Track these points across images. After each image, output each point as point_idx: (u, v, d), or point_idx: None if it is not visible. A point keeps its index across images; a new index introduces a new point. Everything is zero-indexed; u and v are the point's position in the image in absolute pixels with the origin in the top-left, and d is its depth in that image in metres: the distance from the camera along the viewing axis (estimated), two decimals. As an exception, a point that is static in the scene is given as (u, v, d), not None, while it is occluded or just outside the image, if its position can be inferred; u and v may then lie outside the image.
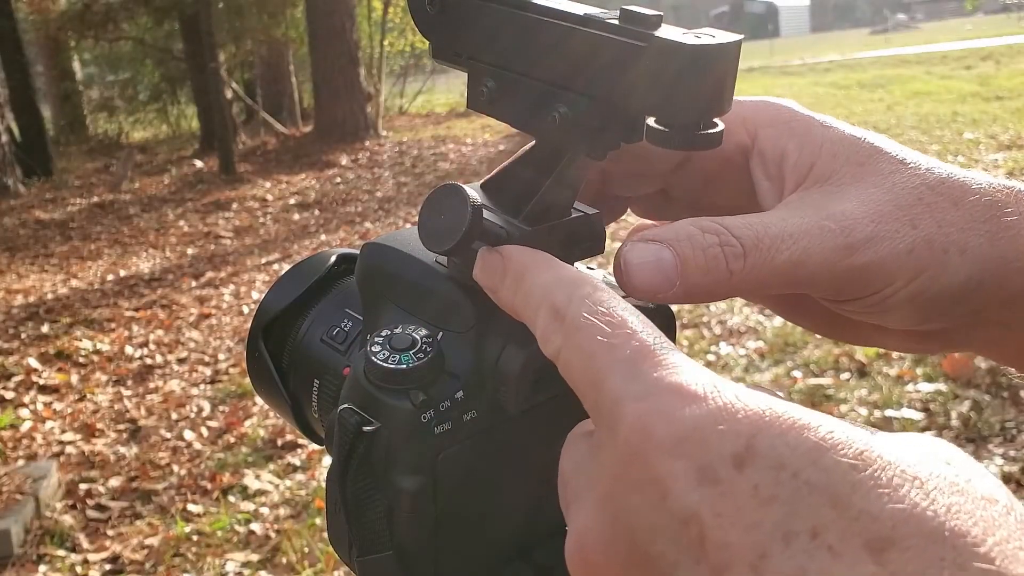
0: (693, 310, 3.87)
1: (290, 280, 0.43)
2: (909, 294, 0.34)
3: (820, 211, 0.34)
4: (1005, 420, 2.69)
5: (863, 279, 0.34)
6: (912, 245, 0.34)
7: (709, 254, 0.33)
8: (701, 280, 0.33)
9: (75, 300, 4.86)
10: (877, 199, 0.35)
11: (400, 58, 13.85)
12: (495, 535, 0.38)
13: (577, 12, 0.30)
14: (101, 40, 12.26)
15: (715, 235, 0.33)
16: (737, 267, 0.33)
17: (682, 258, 0.33)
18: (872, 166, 0.36)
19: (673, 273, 0.33)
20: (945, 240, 0.34)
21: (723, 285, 0.33)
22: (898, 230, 0.34)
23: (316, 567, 2.25)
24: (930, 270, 0.34)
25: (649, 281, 0.33)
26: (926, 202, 0.35)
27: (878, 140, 0.37)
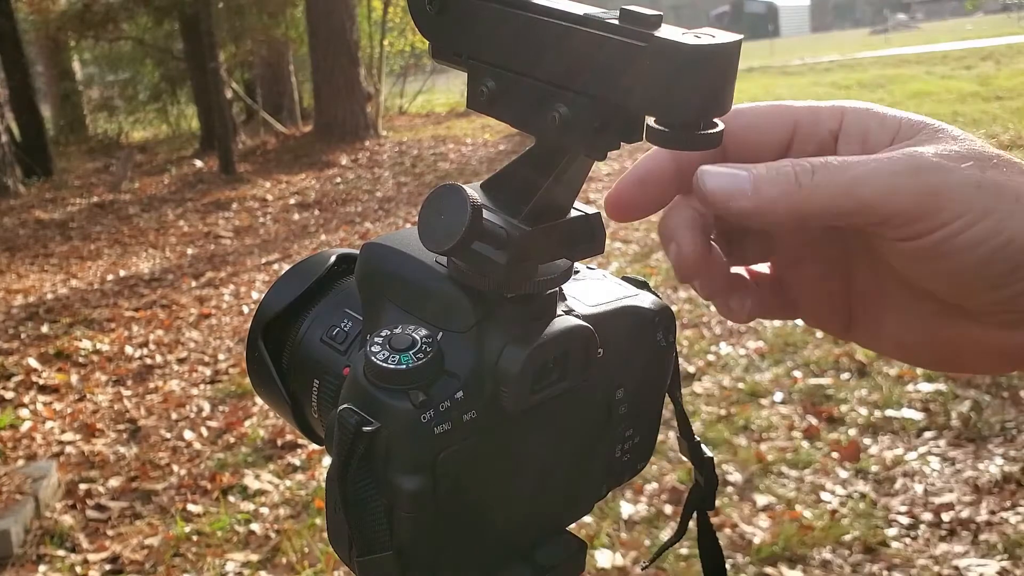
0: (693, 310, 3.87)
1: (290, 280, 0.43)
2: (974, 237, 0.34)
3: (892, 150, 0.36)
4: (1005, 420, 2.69)
5: (928, 205, 0.34)
6: (981, 180, 0.34)
7: (781, 170, 0.35)
8: (770, 191, 0.35)
9: (75, 300, 4.86)
10: (950, 149, 0.36)
11: (400, 58, 13.85)
12: (495, 535, 0.38)
13: (577, 12, 0.30)
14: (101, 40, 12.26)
15: (789, 161, 0.35)
16: (806, 180, 0.34)
17: (756, 174, 0.35)
18: (947, 132, 0.38)
19: (747, 184, 0.35)
20: (1018, 189, 0.34)
21: (792, 197, 0.34)
22: (967, 169, 0.34)
23: (316, 567, 2.25)
24: (998, 213, 0.34)
25: (722, 187, 0.35)
26: (994, 162, 0.35)
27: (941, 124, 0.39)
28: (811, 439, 2.71)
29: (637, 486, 2.47)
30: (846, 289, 0.42)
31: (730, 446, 2.68)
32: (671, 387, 0.45)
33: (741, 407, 2.94)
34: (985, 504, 2.30)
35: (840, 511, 2.33)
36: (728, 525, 2.28)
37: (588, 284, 0.41)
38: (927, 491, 2.40)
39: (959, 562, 2.08)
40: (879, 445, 2.65)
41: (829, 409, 2.88)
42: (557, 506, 0.41)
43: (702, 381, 3.17)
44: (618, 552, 2.19)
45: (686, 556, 2.11)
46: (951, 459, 2.54)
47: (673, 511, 2.35)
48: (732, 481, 2.50)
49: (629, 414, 0.42)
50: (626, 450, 0.43)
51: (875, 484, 2.45)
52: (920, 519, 2.27)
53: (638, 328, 0.41)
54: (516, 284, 0.34)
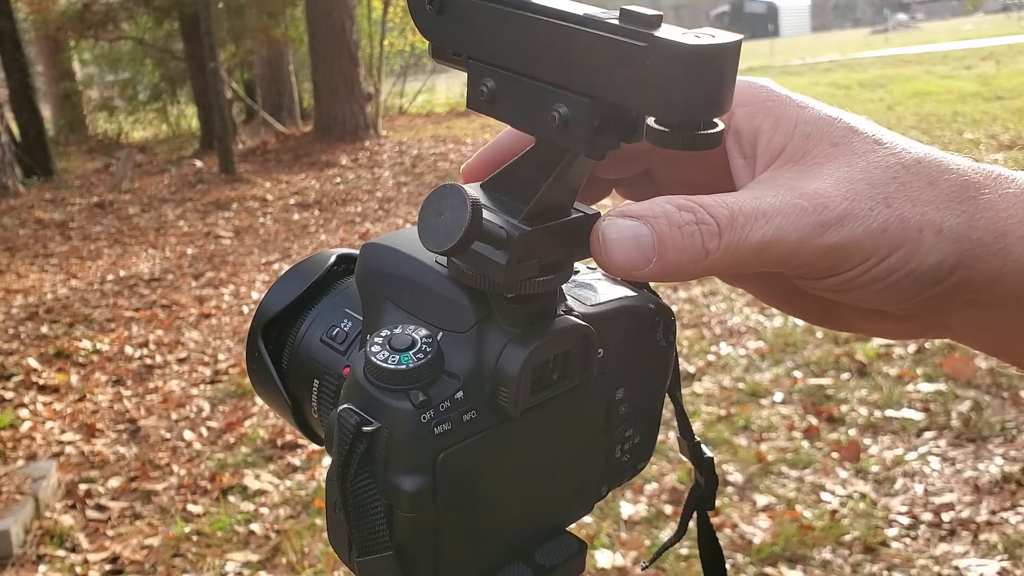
0: (694, 310, 3.87)
1: (290, 280, 0.43)
2: (882, 272, 0.34)
3: (793, 190, 0.34)
4: (1005, 420, 2.69)
5: (836, 257, 0.34)
6: (886, 224, 0.33)
7: (685, 232, 0.33)
8: (678, 258, 0.33)
9: (75, 300, 4.86)
10: (850, 178, 0.34)
11: (400, 58, 13.85)
12: (495, 535, 0.38)
13: (577, 12, 0.30)
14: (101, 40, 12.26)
15: (691, 212, 0.33)
16: (713, 246, 0.33)
17: (659, 235, 0.33)
18: (846, 146, 0.36)
19: (650, 250, 0.33)
20: (920, 219, 0.34)
21: (699, 264, 0.33)
22: (872, 208, 0.34)
23: (316, 567, 2.25)
24: (904, 249, 0.34)
25: (626, 257, 0.33)
26: (900, 181, 0.34)
27: (854, 120, 0.37)
28: (811, 439, 2.71)
29: (637, 486, 2.47)
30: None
31: (730, 446, 2.68)
32: (671, 387, 0.45)
33: (741, 407, 2.94)
34: (985, 504, 2.30)
35: (840, 511, 2.33)
36: (728, 525, 2.28)
37: (588, 284, 0.41)
38: (927, 491, 2.40)
39: (959, 562, 2.08)
40: (879, 445, 2.65)
41: (829, 409, 2.88)
42: (557, 506, 0.41)
43: (702, 381, 3.17)
44: (618, 552, 2.19)
45: (686, 556, 2.11)
46: (951, 459, 2.54)
47: (673, 511, 2.35)
48: (732, 481, 2.50)
49: (629, 414, 0.42)
50: (626, 450, 0.43)
51: (875, 484, 2.45)
52: (920, 519, 2.27)
53: (638, 328, 0.41)
54: (516, 284, 0.34)
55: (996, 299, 0.35)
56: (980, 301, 0.36)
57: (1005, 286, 0.35)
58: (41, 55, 14.14)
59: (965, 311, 0.37)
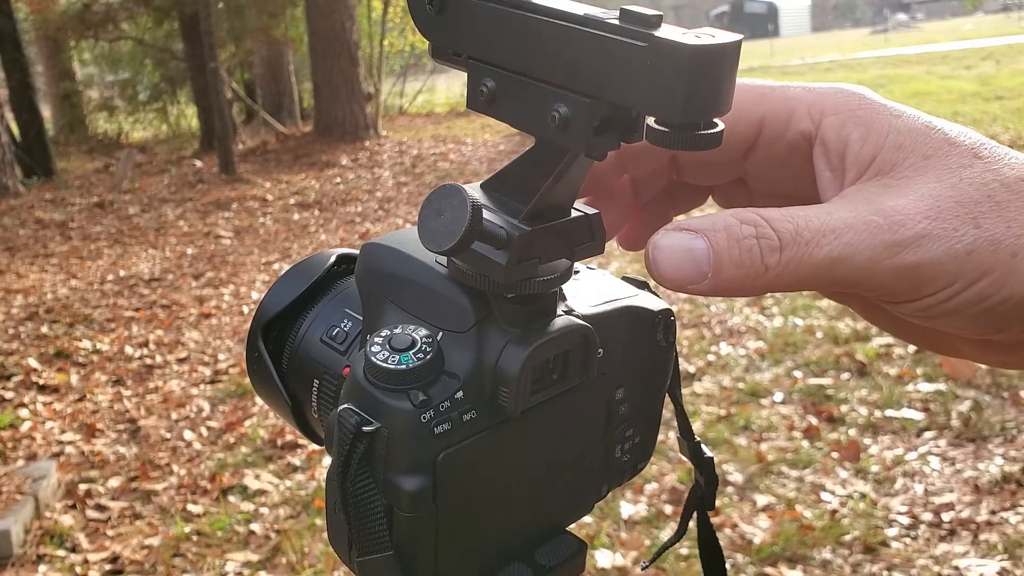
0: (694, 310, 3.87)
1: (290, 280, 0.43)
2: (971, 298, 0.31)
3: (871, 205, 0.32)
4: (1005, 420, 2.69)
5: (912, 280, 0.31)
6: (973, 245, 0.31)
7: (744, 246, 0.31)
8: (734, 273, 0.31)
9: (75, 300, 4.86)
10: (938, 194, 0.32)
11: (400, 58, 13.86)
12: (495, 535, 0.38)
13: (577, 12, 0.30)
14: (101, 40, 12.27)
15: (752, 226, 0.31)
16: (772, 261, 0.31)
17: (715, 249, 0.31)
18: (940, 159, 0.33)
19: (705, 264, 0.31)
20: (1015, 243, 0.31)
21: (758, 280, 0.31)
22: (957, 228, 0.31)
23: (316, 567, 2.25)
24: (995, 274, 0.31)
25: (678, 270, 0.32)
26: (996, 200, 0.31)
27: (954, 131, 0.34)
28: (811, 439, 2.71)
29: (637, 486, 2.47)
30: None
31: (730, 446, 2.68)
32: (671, 387, 0.45)
33: (741, 407, 2.94)
34: (985, 504, 2.30)
35: (840, 511, 2.33)
36: (728, 525, 2.28)
37: (588, 284, 0.41)
38: (927, 491, 2.40)
39: (959, 562, 2.08)
40: (879, 445, 2.65)
41: (829, 409, 2.88)
42: (557, 506, 0.41)
43: (702, 381, 3.17)
44: (618, 552, 2.19)
45: (686, 556, 2.11)
46: (951, 459, 2.54)
47: (673, 511, 2.35)
48: (732, 481, 2.50)
49: (629, 414, 0.42)
50: (626, 450, 0.43)
51: (875, 484, 2.45)
52: (920, 519, 2.27)
53: (638, 328, 0.41)
54: (516, 284, 0.34)
55: None
56: None
57: None
58: (41, 55, 14.15)
59: None
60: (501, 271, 0.33)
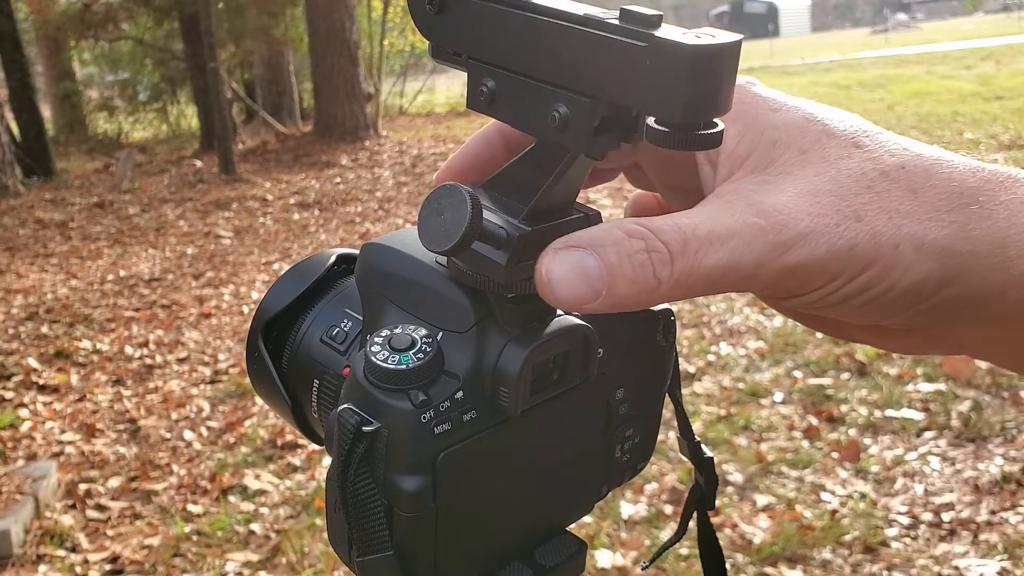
0: (694, 310, 3.87)
1: (290, 280, 0.43)
2: (852, 292, 0.32)
3: (752, 206, 0.32)
4: (1005, 420, 2.69)
5: (797, 278, 0.31)
6: (854, 240, 0.31)
7: (635, 261, 0.31)
8: (628, 289, 0.31)
9: (75, 300, 4.86)
10: (816, 190, 0.32)
11: (400, 58, 13.86)
12: (495, 535, 0.38)
13: (577, 12, 0.30)
14: (101, 40, 12.27)
15: (641, 239, 0.31)
16: (665, 274, 0.31)
17: (608, 266, 0.31)
18: (817, 152, 0.33)
19: (599, 282, 0.31)
20: (896, 233, 0.31)
21: (652, 294, 0.31)
22: (839, 223, 0.31)
23: (316, 567, 2.25)
24: (877, 266, 0.31)
25: (573, 291, 0.31)
26: (876, 190, 0.31)
27: (834, 121, 0.34)
28: (811, 439, 2.71)
29: (637, 486, 2.47)
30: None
31: (730, 446, 2.68)
32: (671, 387, 0.45)
33: (741, 407, 2.94)
34: (985, 504, 2.30)
35: (840, 511, 2.33)
36: (728, 525, 2.29)
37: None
38: (927, 491, 2.40)
39: (959, 562, 2.08)
40: (879, 445, 2.65)
41: (829, 409, 2.88)
42: (557, 506, 0.41)
43: (702, 381, 3.17)
44: (618, 552, 2.19)
45: (686, 556, 2.11)
46: (951, 459, 2.54)
47: (673, 511, 2.35)
48: (732, 481, 2.50)
49: (629, 414, 0.42)
50: (626, 450, 0.43)
51: (875, 484, 2.45)
52: (920, 519, 2.27)
53: (638, 328, 0.41)
54: (516, 284, 0.34)
55: (1003, 316, 0.32)
56: (985, 317, 0.33)
57: (1011, 302, 0.31)
58: (41, 55, 14.15)
59: (972, 327, 0.34)
60: (501, 271, 0.33)
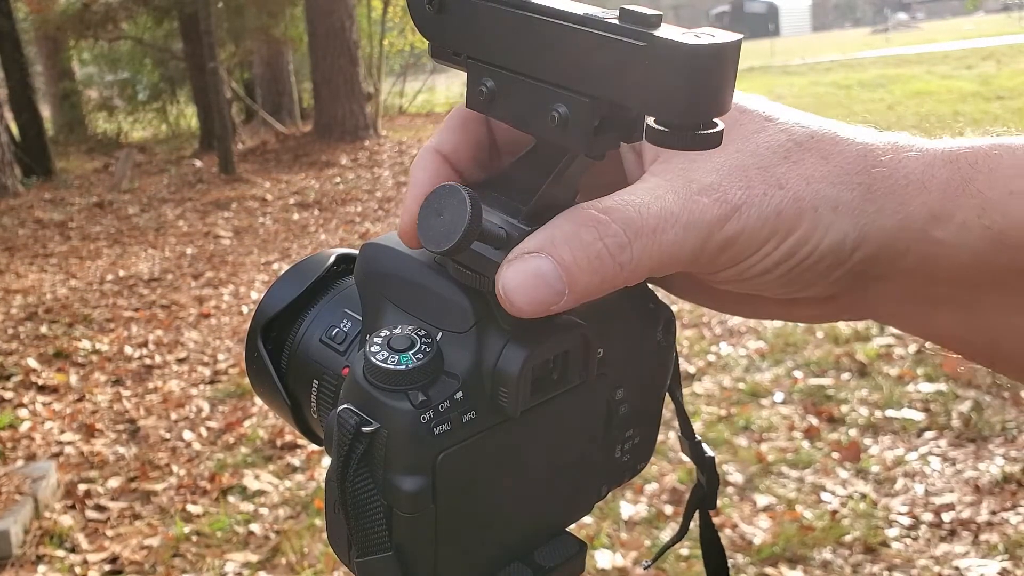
0: (693, 310, 3.87)
1: (289, 280, 0.43)
2: (782, 256, 0.33)
3: (691, 184, 0.33)
4: (1006, 420, 2.69)
5: (734, 249, 0.33)
6: (779, 207, 0.32)
7: (591, 253, 0.31)
8: (590, 280, 0.31)
9: (74, 300, 4.86)
10: (742, 164, 0.33)
11: (400, 58, 13.86)
12: (495, 536, 0.38)
13: (577, 12, 0.30)
14: (101, 40, 12.27)
15: (594, 227, 0.31)
16: (625, 258, 0.31)
17: (564, 264, 0.31)
18: (735, 129, 0.34)
19: (558, 283, 0.31)
20: (814, 197, 0.32)
21: (615, 279, 0.32)
22: (766, 192, 0.32)
23: (316, 567, 2.25)
24: (800, 229, 0.32)
25: (533, 299, 0.31)
26: (793, 159, 0.33)
27: (746, 100, 0.35)
28: (811, 439, 2.71)
29: (637, 486, 2.47)
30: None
31: (731, 446, 2.68)
32: (671, 387, 0.45)
33: (741, 407, 2.94)
34: (986, 504, 2.30)
35: (840, 511, 2.33)
36: (729, 525, 2.28)
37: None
38: (928, 491, 2.40)
39: (960, 562, 2.08)
40: (880, 445, 2.65)
41: (829, 409, 2.88)
42: (557, 506, 0.41)
43: (702, 381, 3.17)
44: (618, 552, 2.19)
45: (687, 556, 2.11)
46: (952, 459, 2.54)
47: (673, 511, 2.35)
48: (733, 481, 2.50)
49: (629, 414, 0.42)
50: (626, 450, 0.43)
51: (876, 484, 2.45)
52: (921, 519, 2.27)
53: (638, 328, 0.41)
54: (516, 284, 0.34)
55: (908, 271, 0.34)
56: (891, 275, 0.34)
57: (914, 257, 0.33)
58: (41, 55, 14.14)
59: (880, 287, 0.35)
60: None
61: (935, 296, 0.35)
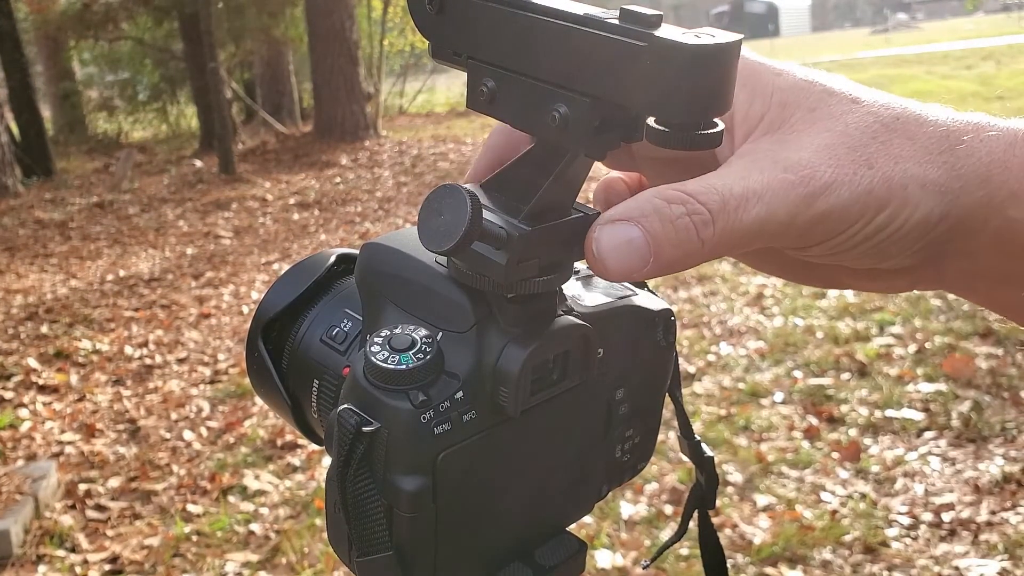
0: (694, 310, 3.87)
1: (289, 280, 0.43)
2: (872, 231, 0.34)
3: (777, 163, 0.34)
4: (1005, 420, 2.69)
5: (826, 225, 0.34)
6: (871, 185, 0.34)
7: (679, 225, 0.32)
8: (673, 253, 0.33)
9: (75, 300, 4.86)
10: (831, 143, 0.34)
11: (400, 58, 13.85)
12: (495, 535, 0.38)
13: (577, 12, 0.30)
14: (101, 40, 12.27)
15: (681, 204, 0.33)
16: (708, 234, 0.33)
17: (652, 234, 0.32)
18: (824, 109, 0.35)
19: (646, 250, 0.32)
20: (903, 176, 0.34)
21: (697, 255, 0.33)
22: (856, 171, 0.34)
23: (316, 567, 2.25)
24: (891, 207, 0.34)
25: (624, 263, 0.33)
26: (880, 140, 0.34)
27: (831, 81, 0.37)
28: (811, 439, 2.71)
29: (637, 486, 2.47)
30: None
31: (730, 446, 2.68)
32: (671, 387, 0.45)
33: (741, 407, 2.94)
34: (986, 504, 2.30)
35: (840, 511, 2.33)
36: (728, 525, 2.28)
37: (588, 284, 0.41)
38: (927, 491, 2.40)
39: (959, 562, 2.08)
40: (879, 445, 2.65)
41: (829, 409, 2.88)
42: (557, 506, 0.41)
43: (702, 381, 3.17)
44: (618, 552, 2.19)
45: (686, 556, 2.11)
46: (951, 459, 2.54)
47: (673, 511, 2.35)
48: (732, 481, 2.50)
49: (629, 414, 0.42)
50: (626, 450, 0.43)
51: (875, 484, 2.45)
52: (920, 519, 2.27)
53: (638, 328, 0.41)
54: (516, 284, 0.34)
55: (984, 247, 0.35)
56: (968, 250, 0.36)
57: (991, 233, 0.35)
58: (41, 55, 14.13)
59: (956, 260, 0.37)
60: (501, 271, 0.33)
61: (1007, 272, 0.36)
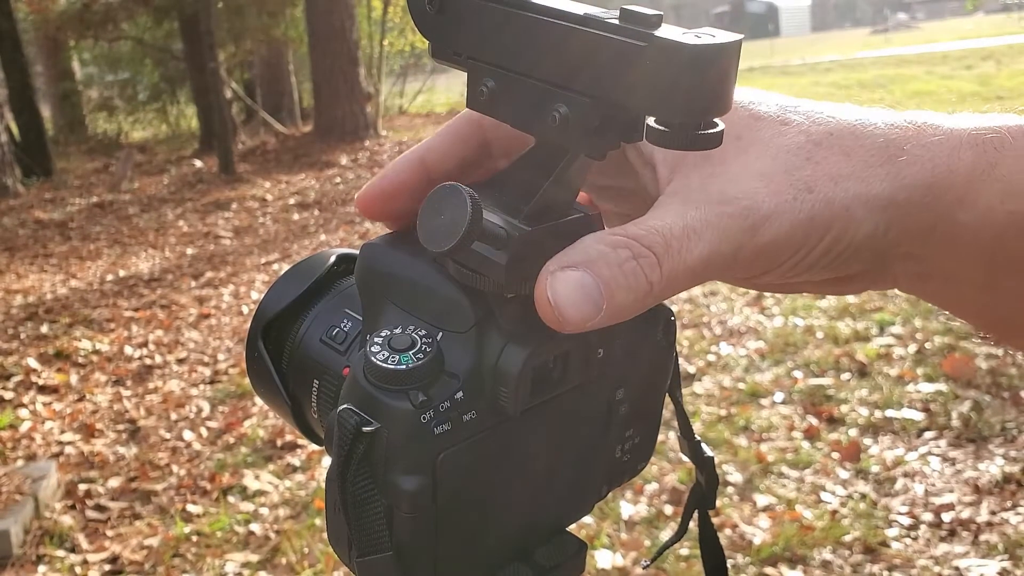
0: (694, 310, 3.87)
1: (289, 280, 0.43)
2: (818, 256, 0.34)
3: (712, 197, 0.33)
4: (1005, 420, 2.69)
5: (769, 255, 0.34)
6: (812, 211, 0.33)
7: (627, 270, 0.32)
8: (626, 297, 0.32)
9: (74, 300, 4.86)
10: (765, 170, 0.34)
11: (400, 58, 13.84)
12: (495, 536, 0.38)
13: (577, 12, 0.30)
14: (100, 40, 12.27)
15: (626, 248, 0.32)
16: (656, 277, 0.32)
17: (603, 280, 0.32)
18: (752, 135, 0.34)
19: (599, 297, 0.32)
20: (845, 196, 0.33)
21: (646, 298, 0.32)
22: (795, 197, 0.33)
23: (316, 567, 2.25)
24: (834, 229, 0.33)
25: (580, 311, 0.32)
26: (815, 160, 0.34)
27: (756, 102, 0.36)
28: (811, 439, 2.71)
29: (637, 486, 2.47)
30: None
31: (730, 446, 2.68)
32: (671, 387, 0.45)
33: (741, 407, 2.94)
34: (985, 504, 2.30)
35: (840, 511, 2.33)
36: (728, 525, 2.28)
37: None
38: (927, 491, 2.40)
39: (959, 562, 2.08)
40: (879, 445, 2.65)
41: (829, 409, 2.88)
42: (557, 506, 0.41)
43: (702, 381, 3.17)
44: (618, 552, 2.19)
45: (686, 556, 2.11)
46: (951, 459, 2.54)
47: (673, 511, 2.35)
48: (732, 481, 2.50)
49: (629, 414, 0.42)
50: (626, 450, 0.43)
51: (875, 484, 2.45)
52: (920, 519, 2.27)
53: (638, 328, 0.41)
54: (516, 284, 0.34)
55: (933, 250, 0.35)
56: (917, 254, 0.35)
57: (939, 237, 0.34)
58: (41, 55, 14.14)
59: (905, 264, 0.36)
60: (501, 271, 0.33)
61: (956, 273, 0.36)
